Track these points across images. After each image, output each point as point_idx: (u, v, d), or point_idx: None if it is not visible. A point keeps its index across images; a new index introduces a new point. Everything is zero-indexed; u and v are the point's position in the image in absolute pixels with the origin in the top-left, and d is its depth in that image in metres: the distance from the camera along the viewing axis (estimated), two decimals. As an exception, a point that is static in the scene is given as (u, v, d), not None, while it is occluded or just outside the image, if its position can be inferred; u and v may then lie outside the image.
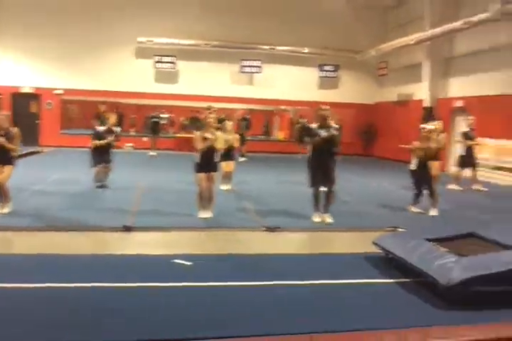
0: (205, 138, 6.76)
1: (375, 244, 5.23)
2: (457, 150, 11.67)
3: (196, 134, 6.92)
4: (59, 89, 17.51)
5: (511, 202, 9.33)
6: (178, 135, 18.45)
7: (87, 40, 17.00)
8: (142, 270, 4.49)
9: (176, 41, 17.36)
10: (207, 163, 6.78)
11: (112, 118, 9.42)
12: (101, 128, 9.11)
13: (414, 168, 7.93)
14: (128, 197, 8.09)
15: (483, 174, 12.71)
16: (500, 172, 12.50)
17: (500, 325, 3.51)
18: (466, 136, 10.81)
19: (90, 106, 15.64)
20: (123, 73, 17.70)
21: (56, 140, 17.39)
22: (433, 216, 7.51)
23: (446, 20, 14.65)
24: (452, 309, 3.84)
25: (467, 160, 10.71)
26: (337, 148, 6.94)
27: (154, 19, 17.24)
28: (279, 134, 23.13)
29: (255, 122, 18.04)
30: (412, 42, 15.39)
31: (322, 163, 6.77)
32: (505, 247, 4.56)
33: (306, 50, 18.27)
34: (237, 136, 9.53)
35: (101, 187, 8.90)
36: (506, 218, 7.41)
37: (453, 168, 12.11)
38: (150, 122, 16.34)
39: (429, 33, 14.70)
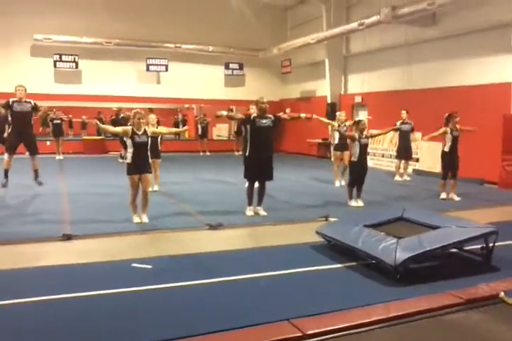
0: (133, 136, 6.45)
1: (318, 233, 5.64)
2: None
3: (126, 129, 6.55)
4: None
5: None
6: (87, 137, 17.73)
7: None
8: (105, 277, 4.44)
9: (77, 39, 16.58)
10: (139, 164, 6.50)
11: None
12: None
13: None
14: (56, 205, 7.76)
15: (383, 163, 13.92)
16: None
17: (442, 294, 4.06)
18: (400, 130, 11.33)
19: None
20: (17, 72, 16.49)
21: None
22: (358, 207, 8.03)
23: (342, 21, 15.76)
24: (400, 285, 4.32)
25: (402, 151, 11.56)
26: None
27: (52, 15, 16.30)
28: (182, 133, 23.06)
29: (164, 122, 17.88)
30: (313, 41, 16.18)
31: (262, 155, 6.98)
32: (431, 227, 5.19)
33: (211, 49, 18.45)
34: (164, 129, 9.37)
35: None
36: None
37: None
38: (52, 125, 15.52)
39: (328, 32, 15.61)
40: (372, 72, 15.24)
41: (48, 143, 16.11)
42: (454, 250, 5.23)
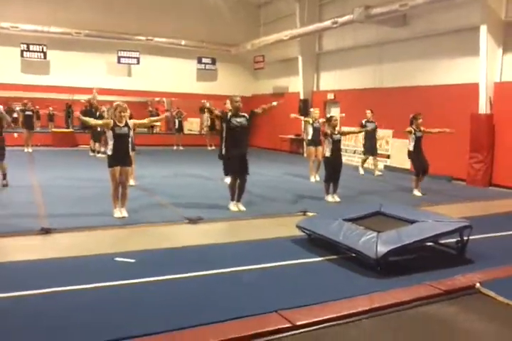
0: (114, 128, 6.40)
1: (298, 227, 5.74)
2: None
3: (107, 121, 6.64)
4: None
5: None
6: (56, 130, 17.32)
7: None
8: (87, 271, 4.41)
9: (45, 29, 16.08)
10: (120, 156, 6.49)
11: None
12: None
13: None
14: (28, 198, 7.60)
15: (354, 159, 14.19)
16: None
17: (422, 285, 4.23)
18: (364, 127, 11.63)
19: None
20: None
21: None
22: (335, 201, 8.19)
23: (315, 18, 15.92)
24: (381, 277, 4.47)
25: (369, 148, 11.98)
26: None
27: (20, 3, 15.81)
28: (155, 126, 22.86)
29: (135, 115, 17.65)
30: (286, 37, 16.22)
31: (239, 152, 7.12)
32: (408, 222, 5.37)
33: (184, 43, 18.28)
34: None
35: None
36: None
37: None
38: (23, 116, 15.11)
39: (301, 30, 15.73)
40: (345, 69, 15.48)
41: (16, 135, 15.65)
42: (429, 243, 5.43)
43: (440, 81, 11.87)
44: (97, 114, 12.83)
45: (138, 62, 17.91)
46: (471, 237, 5.17)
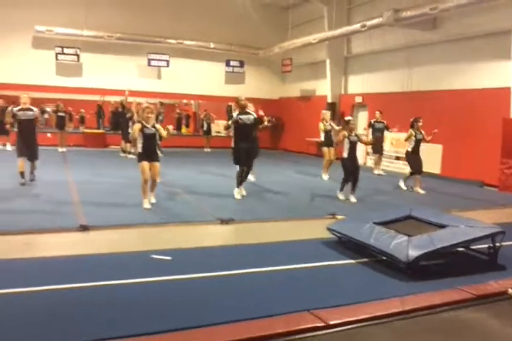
0: (143, 129, 7.05)
1: (329, 229, 5.81)
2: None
3: (136, 127, 7.14)
4: None
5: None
6: (87, 130, 17.77)
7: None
8: (125, 267, 4.58)
9: (78, 32, 16.54)
10: (149, 153, 7.16)
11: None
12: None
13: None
14: (66, 196, 7.88)
15: (382, 163, 14.16)
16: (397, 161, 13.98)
17: (454, 289, 4.25)
18: (373, 127, 12.37)
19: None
20: (18, 64, 16.48)
21: None
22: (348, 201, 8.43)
23: (343, 22, 15.94)
24: (412, 280, 4.51)
25: (378, 148, 12.53)
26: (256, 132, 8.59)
27: (55, 7, 16.28)
28: (184, 128, 23.21)
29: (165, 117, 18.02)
30: (314, 41, 16.26)
31: (246, 145, 8.09)
32: (440, 226, 5.38)
33: (213, 46, 18.53)
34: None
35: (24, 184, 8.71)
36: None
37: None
38: (56, 117, 15.56)
39: (330, 33, 15.76)
40: (373, 73, 15.45)
41: (49, 134, 16.12)
42: (460, 249, 5.43)
43: (471, 85, 11.76)
44: (128, 115, 13.13)
45: (168, 65, 18.21)
46: (504, 243, 5.16)
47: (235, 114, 8.13)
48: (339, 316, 3.62)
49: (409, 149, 9.79)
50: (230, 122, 8.21)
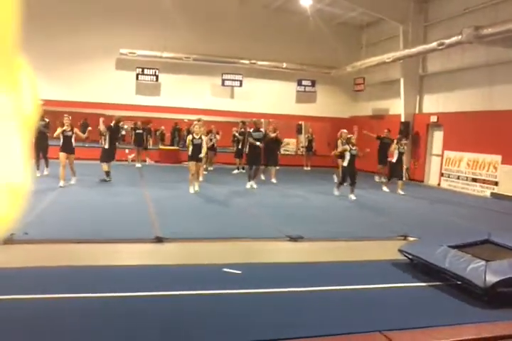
0: (193, 139, 10.11)
1: (400, 251, 5.66)
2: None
3: (188, 137, 10.33)
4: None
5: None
6: (163, 147, 18.56)
7: (66, 50, 16.80)
8: (201, 278, 4.73)
9: (158, 54, 17.50)
10: (195, 155, 10.15)
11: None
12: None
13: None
14: (142, 207, 8.29)
15: (457, 185, 13.60)
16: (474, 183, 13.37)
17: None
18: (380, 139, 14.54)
19: (75, 116, 15.53)
20: (102, 84, 17.66)
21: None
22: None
23: (419, 40, 15.64)
24: (489, 307, 4.29)
25: (382, 158, 14.27)
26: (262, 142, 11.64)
27: (137, 31, 17.35)
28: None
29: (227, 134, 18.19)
30: (389, 60, 16.10)
31: (254, 152, 11.47)
32: (520, 252, 5.09)
33: (285, 65, 18.84)
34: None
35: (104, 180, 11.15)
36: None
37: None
38: (133, 134, 16.44)
39: (405, 52, 15.52)
40: (450, 91, 14.97)
41: (127, 150, 17.01)
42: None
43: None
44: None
45: (240, 85, 18.72)
46: None
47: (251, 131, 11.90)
48: (410, 339, 3.53)
49: (394, 161, 12.10)
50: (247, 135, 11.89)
